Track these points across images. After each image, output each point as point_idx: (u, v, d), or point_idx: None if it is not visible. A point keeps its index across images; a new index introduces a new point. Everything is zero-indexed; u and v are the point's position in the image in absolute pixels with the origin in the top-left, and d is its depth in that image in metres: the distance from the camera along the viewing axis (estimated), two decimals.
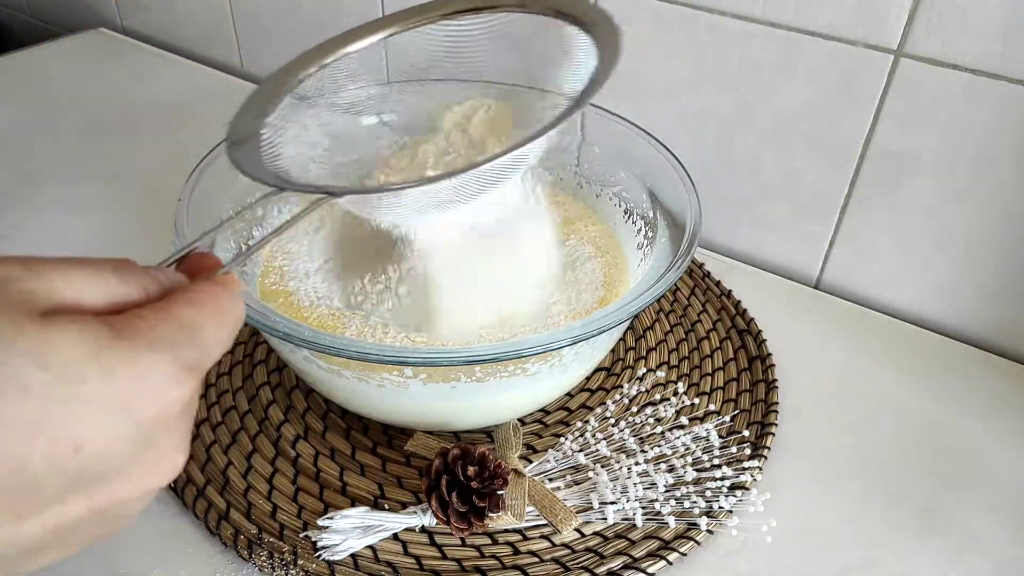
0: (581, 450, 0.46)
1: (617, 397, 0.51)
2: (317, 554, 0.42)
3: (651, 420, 0.49)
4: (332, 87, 0.45)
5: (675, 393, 0.52)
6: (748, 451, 0.47)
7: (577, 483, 0.45)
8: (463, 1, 0.44)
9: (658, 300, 0.44)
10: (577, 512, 0.43)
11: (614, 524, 0.44)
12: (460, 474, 0.41)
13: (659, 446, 0.46)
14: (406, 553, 0.42)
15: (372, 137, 0.50)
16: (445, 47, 0.45)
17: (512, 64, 0.46)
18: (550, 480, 0.45)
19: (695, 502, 0.43)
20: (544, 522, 0.43)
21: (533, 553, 0.43)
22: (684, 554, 0.43)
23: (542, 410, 0.51)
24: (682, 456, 0.46)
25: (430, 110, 0.50)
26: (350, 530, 0.42)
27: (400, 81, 0.51)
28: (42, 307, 0.20)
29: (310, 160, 0.44)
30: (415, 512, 0.43)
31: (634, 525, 0.43)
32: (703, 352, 0.56)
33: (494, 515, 0.41)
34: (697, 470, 0.45)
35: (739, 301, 0.60)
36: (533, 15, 0.43)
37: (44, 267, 0.21)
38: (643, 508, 0.43)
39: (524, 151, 0.36)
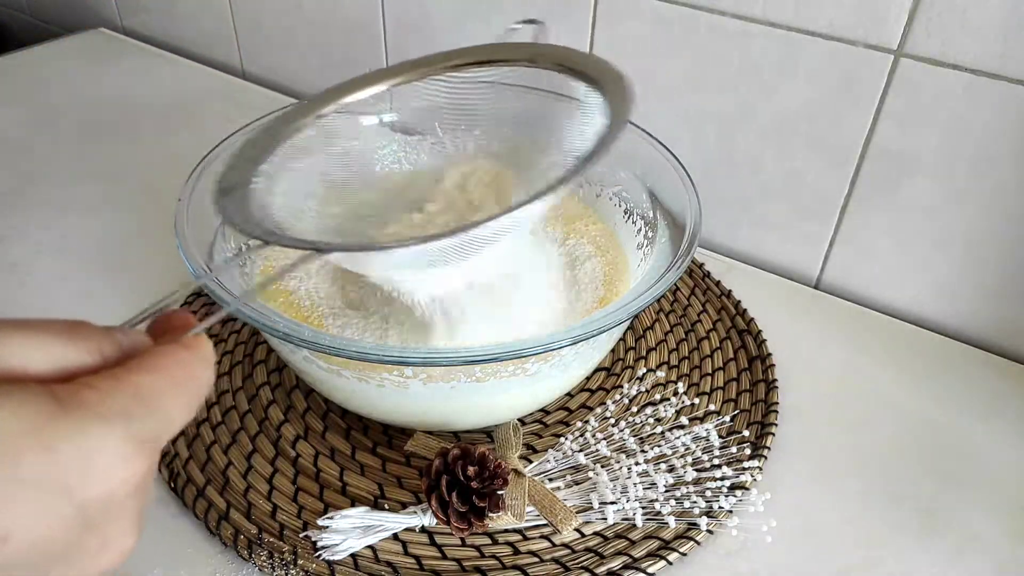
0: (581, 450, 0.46)
1: (617, 397, 0.51)
2: (317, 554, 0.42)
3: (651, 420, 0.49)
4: (329, 136, 0.43)
5: (675, 393, 0.52)
6: (748, 451, 0.47)
7: (577, 483, 0.45)
8: (471, 54, 0.43)
9: (658, 300, 0.44)
10: (577, 512, 0.43)
11: (614, 524, 0.44)
12: (460, 474, 0.41)
13: (659, 446, 0.46)
14: (406, 553, 0.42)
15: (369, 187, 0.49)
16: (449, 99, 0.44)
17: (519, 118, 0.45)
18: (550, 480, 0.45)
19: (695, 502, 0.43)
20: (544, 522, 0.43)
21: (533, 553, 0.43)
22: (684, 554, 0.43)
23: (542, 410, 0.51)
24: (682, 456, 0.46)
25: (434, 165, 0.49)
26: (350, 530, 0.42)
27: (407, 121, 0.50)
28: None
29: (303, 211, 0.43)
30: (415, 512, 0.43)
31: (634, 525, 0.43)
32: (703, 352, 0.56)
33: (494, 515, 0.41)
34: (697, 470, 0.45)
35: (739, 301, 0.60)
36: (542, 70, 0.42)
37: None
38: (643, 508, 0.43)
39: (520, 214, 0.35)
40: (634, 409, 0.50)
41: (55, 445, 0.18)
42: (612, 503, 0.43)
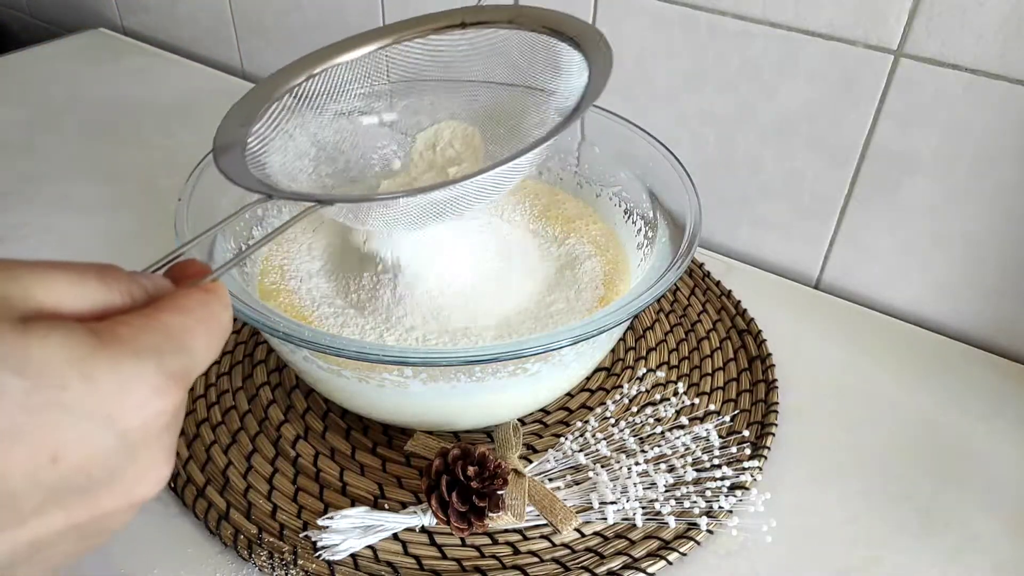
0: (581, 450, 0.46)
1: (617, 397, 0.51)
2: (317, 554, 0.42)
3: (651, 420, 0.49)
4: (321, 96, 0.44)
5: (675, 393, 0.52)
6: (748, 451, 0.47)
7: (577, 483, 0.45)
8: (454, 15, 0.44)
9: (658, 300, 0.44)
10: (577, 512, 0.43)
11: (614, 524, 0.44)
12: (460, 474, 0.41)
13: (659, 446, 0.46)
14: (406, 553, 0.42)
15: (364, 145, 0.50)
16: (435, 61, 0.45)
17: (504, 78, 0.46)
18: (550, 480, 0.45)
19: (695, 502, 0.43)
20: (544, 522, 0.43)
21: (533, 553, 0.43)
22: (684, 554, 0.43)
23: (542, 410, 0.51)
24: (682, 456, 0.46)
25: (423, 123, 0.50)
26: (350, 530, 0.42)
27: (395, 82, 0.51)
28: (20, 312, 0.19)
29: (298, 170, 0.44)
30: (415, 512, 0.43)
31: (634, 525, 0.43)
32: (703, 352, 0.56)
33: (494, 515, 0.41)
34: (697, 470, 0.45)
35: (739, 301, 0.60)
36: (524, 32, 0.43)
37: (23, 271, 0.20)
38: (643, 508, 0.43)
39: (521, 162, 0.36)
40: (634, 409, 0.50)
41: (96, 375, 0.19)
42: (612, 503, 0.43)
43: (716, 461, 0.46)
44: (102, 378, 0.19)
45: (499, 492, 0.41)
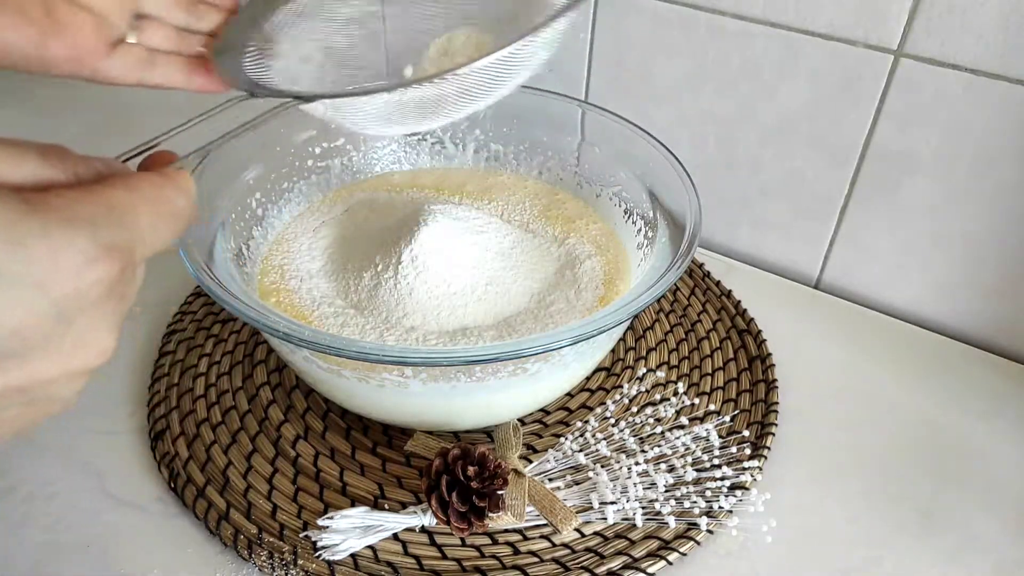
0: (581, 450, 0.46)
1: (617, 397, 0.51)
2: (317, 554, 0.42)
3: (651, 420, 0.49)
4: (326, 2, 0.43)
5: (675, 393, 0.52)
6: (748, 451, 0.47)
7: (577, 483, 0.45)
8: None
9: (658, 300, 0.44)
10: (577, 512, 0.43)
11: (614, 524, 0.44)
12: (460, 474, 0.41)
13: (659, 446, 0.46)
14: (406, 553, 0.42)
15: (369, 50, 0.48)
16: None
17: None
18: (550, 480, 0.45)
19: (695, 502, 0.43)
20: (544, 522, 0.43)
21: (533, 553, 0.43)
22: (684, 554, 0.43)
23: (542, 410, 0.51)
24: (682, 456, 0.46)
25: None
26: (350, 530, 0.42)
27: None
28: None
29: (303, 75, 0.42)
30: (415, 512, 0.43)
31: (634, 525, 0.43)
32: (703, 352, 0.56)
33: (494, 515, 0.41)
34: (697, 470, 0.45)
35: (739, 301, 0.60)
36: None
37: None
38: (643, 508, 0.43)
39: (500, 57, 0.34)
40: (634, 409, 0.50)
41: (24, 241, 0.19)
42: (612, 503, 0.43)
43: (716, 461, 0.46)
44: (31, 244, 0.19)
45: (499, 492, 0.41)
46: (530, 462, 0.46)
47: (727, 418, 0.50)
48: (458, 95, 0.36)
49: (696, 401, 0.51)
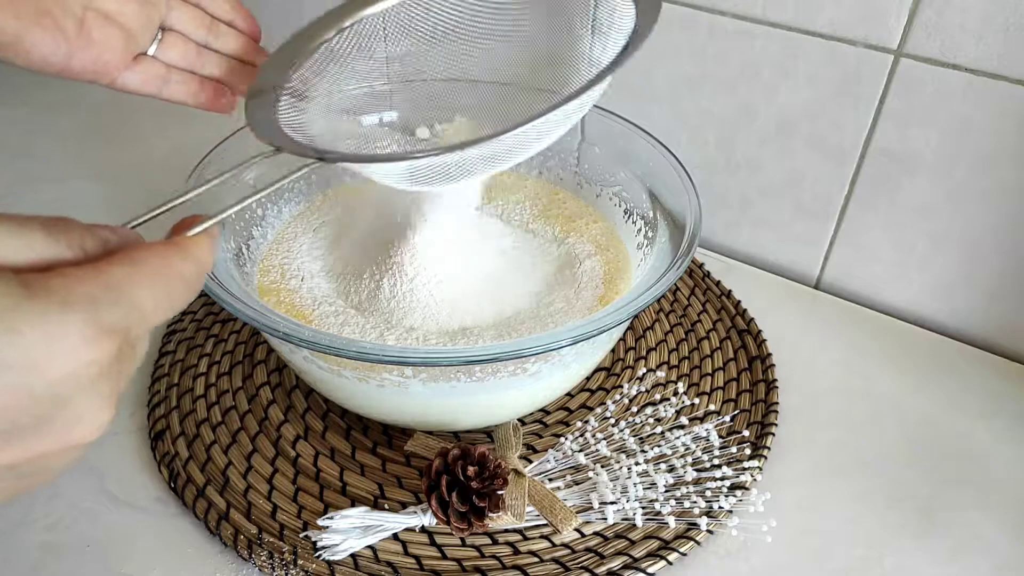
0: (581, 450, 0.46)
1: (617, 397, 0.51)
2: (317, 554, 0.42)
3: (651, 420, 0.49)
4: (354, 51, 0.43)
5: (675, 393, 0.52)
6: (748, 451, 0.47)
7: (577, 483, 0.45)
8: None
9: (658, 300, 0.44)
10: (577, 512, 0.43)
11: (614, 524, 0.44)
12: (460, 474, 0.41)
13: (659, 446, 0.46)
14: (406, 553, 0.42)
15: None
16: (469, 11, 0.44)
17: (538, 31, 0.44)
18: (550, 480, 0.45)
19: (695, 502, 0.43)
20: (544, 522, 0.43)
21: (533, 553, 0.43)
22: (684, 554, 0.43)
23: (542, 410, 0.51)
24: (682, 456, 0.46)
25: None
26: (350, 530, 0.42)
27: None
28: None
29: (330, 125, 0.43)
30: (415, 512, 0.43)
31: (634, 525, 0.43)
32: (703, 352, 0.56)
33: (494, 515, 0.41)
34: (697, 470, 0.45)
35: (739, 301, 0.60)
36: None
37: None
38: (643, 508, 0.43)
39: (520, 132, 0.35)
40: (634, 409, 0.50)
41: (21, 328, 0.19)
42: (612, 503, 0.43)
43: (716, 461, 0.46)
44: (26, 331, 0.19)
45: (499, 492, 0.41)
46: (530, 462, 0.46)
47: (727, 418, 0.50)
48: (482, 160, 0.37)
49: (696, 401, 0.51)
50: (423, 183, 0.37)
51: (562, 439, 0.47)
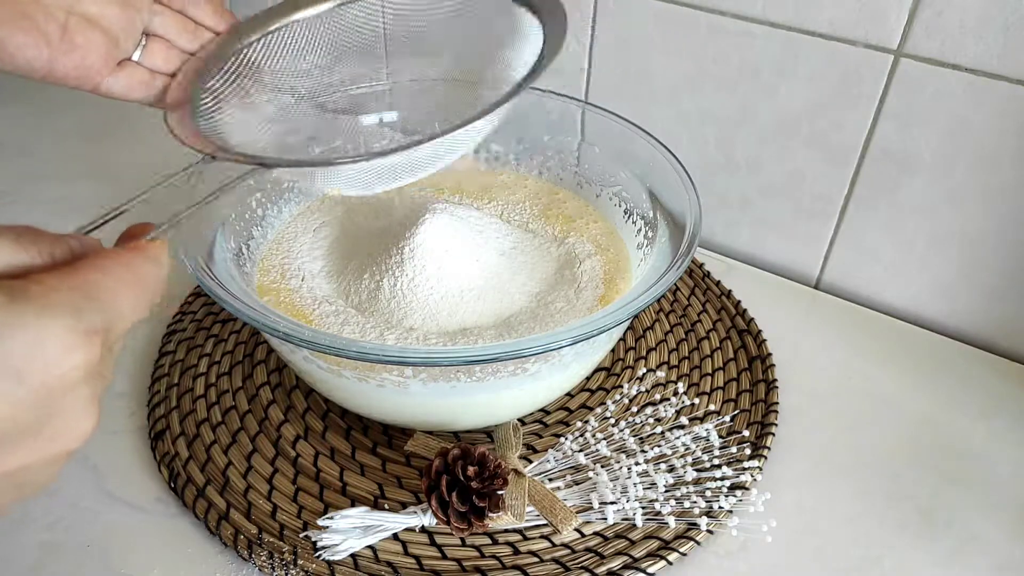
0: (581, 450, 0.46)
1: (617, 397, 0.51)
2: (317, 554, 0.42)
3: (651, 420, 0.49)
4: (277, 57, 0.43)
5: (675, 393, 0.52)
6: (748, 451, 0.47)
7: (577, 483, 0.45)
8: None
9: (658, 300, 0.44)
10: (577, 512, 0.43)
11: (614, 524, 0.44)
12: (460, 474, 0.41)
13: (659, 446, 0.46)
14: (406, 553, 0.42)
15: (319, 114, 0.49)
16: (395, 21, 0.44)
17: (460, 41, 0.44)
18: (550, 480, 0.45)
19: (695, 502, 0.43)
20: (544, 522, 0.43)
21: (533, 553, 0.43)
22: (684, 554, 0.43)
23: (542, 410, 0.51)
24: (682, 456, 0.46)
25: None
26: (350, 530, 0.42)
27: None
28: None
29: (255, 131, 0.43)
30: (415, 512, 0.43)
31: (634, 525, 0.43)
32: (703, 352, 0.56)
33: (494, 515, 0.41)
34: (697, 470, 0.45)
35: (739, 301, 0.60)
36: None
37: None
38: (643, 508, 0.43)
39: (461, 134, 0.36)
40: (634, 409, 0.50)
41: (3, 332, 0.19)
42: (612, 503, 0.43)
43: (716, 461, 0.46)
44: (10, 336, 0.19)
45: (499, 492, 0.41)
46: (530, 462, 0.46)
47: (727, 418, 0.50)
48: (427, 159, 0.38)
49: (696, 401, 0.51)
50: (364, 187, 0.38)
51: (562, 439, 0.47)
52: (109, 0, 0.37)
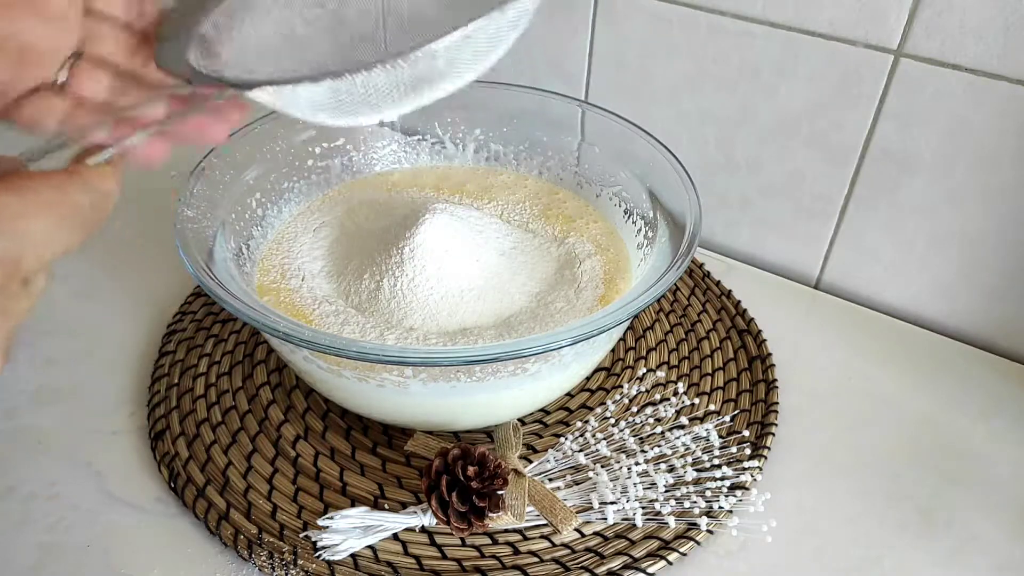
0: (581, 450, 0.46)
1: (617, 397, 0.51)
2: (317, 554, 0.42)
3: (651, 420, 0.49)
4: None
5: (675, 393, 0.52)
6: (748, 451, 0.47)
7: (577, 483, 0.45)
8: None
9: (658, 300, 0.44)
10: (577, 512, 0.43)
11: (614, 524, 0.44)
12: (460, 474, 0.41)
13: (659, 446, 0.46)
14: (406, 553, 0.42)
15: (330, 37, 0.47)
16: None
17: None
18: (550, 480, 0.45)
19: (695, 502, 0.43)
20: (544, 522, 0.43)
21: (533, 553, 0.43)
22: (684, 554, 0.43)
23: (542, 410, 0.51)
24: (682, 456, 0.46)
25: None
26: (350, 530, 0.42)
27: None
28: None
29: (253, 68, 0.41)
30: (415, 512, 0.43)
31: (634, 525, 0.43)
32: (703, 352, 0.56)
33: (494, 515, 0.41)
34: (697, 470, 0.45)
35: (739, 301, 0.60)
36: None
37: None
38: (643, 508, 0.43)
39: (445, 42, 0.31)
40: (634, 409, 0.50)
41: None
42: (612, 503, 0.43)
43: (716, 461, 0.46)
44: None
45: (499, 492, 0.41)
46: (530, 462, 0.46)
47: (727, 418, 0.50)
48: (412, 81, 0.34)
49: (696, 401, 0.51)
50: (350, 114, 0.35)
51: (562, 439, 0.47)
52: None
